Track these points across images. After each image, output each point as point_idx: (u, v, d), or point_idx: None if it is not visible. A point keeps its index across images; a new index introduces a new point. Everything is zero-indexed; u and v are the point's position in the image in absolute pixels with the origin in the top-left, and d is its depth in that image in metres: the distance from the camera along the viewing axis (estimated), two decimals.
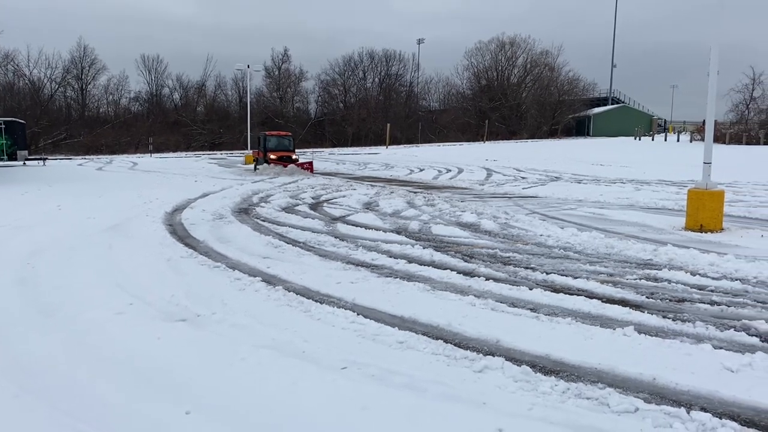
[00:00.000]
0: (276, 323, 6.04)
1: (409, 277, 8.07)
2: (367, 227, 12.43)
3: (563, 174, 27.58)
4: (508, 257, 9.43)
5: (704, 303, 6.80)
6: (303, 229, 12.23)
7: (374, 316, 6.33)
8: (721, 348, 5.31)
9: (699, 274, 8.14)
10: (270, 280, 7.91)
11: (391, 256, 9.43)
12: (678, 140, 60.26)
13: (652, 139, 63.75)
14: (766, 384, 4.45)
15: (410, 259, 9.20)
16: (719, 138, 54.18)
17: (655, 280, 7.94)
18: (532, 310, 6.57)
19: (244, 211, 15.12)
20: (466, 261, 9.13)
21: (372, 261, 9.12)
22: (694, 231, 11.81)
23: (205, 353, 5.22)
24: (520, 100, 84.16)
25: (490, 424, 3.88)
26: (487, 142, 69.21)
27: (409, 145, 65.54)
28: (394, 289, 7.40)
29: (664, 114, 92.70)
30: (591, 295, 7.13)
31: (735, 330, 5.74)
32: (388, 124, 65.50)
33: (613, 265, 8.83)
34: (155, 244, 10.55)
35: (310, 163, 28.67)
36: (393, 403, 4.20)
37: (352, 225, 12.79)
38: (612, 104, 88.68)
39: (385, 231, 11.92)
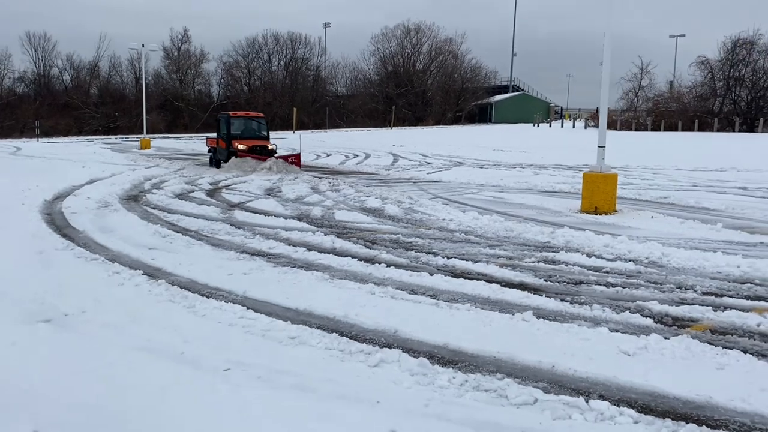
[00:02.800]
0: (155, 322, 5.46)
1: (308, 266, 7.66)
2: (266, 214, 11.87)
3: (466, 159, 27.96)
4: (411, 242, 9.22)
5: (600, 285, 6.84)
6: (196, 216, 11.50)
7: (266, 309, 5.89)
8: (617, 331, 5.28)
9: (595, 256, 8.25)
10: (153, 274, 7.26)
11: (290, 244, 8.98)
12: (573, 126, 63.10)
13: (550, 126, 66.39)
14: (661, 367, 4.42)
15: (310, 247, 8.79)
16: (611, 125, 57.16)
17: (553, 262, 7.96)
18: (432, 296, 6.35)
19: (134, 199, 14.10)
20: (368, 247, 8.82)
21: (269, 250, 8.62)
22: (589, 213, 12.12)
23: (66, 359, 4.59)
24: (425, 86, 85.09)
25: (383, 425, 3.57)
26: (394, 128, 69.49)
27: (316, 130, 64.66)
28: (291, 279, 6.97)
29: (561, 102, 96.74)
30: (491, 280, 7.02)
31: (630, 312, 5.76)
32: (295, 109, 64.27)
33: (512, 249, 8.82)
34: (27, 235, 9.53)
35: (298, 156, 21.56)
36: (277, 407, 3.80)
37: (251, 212, 12.19)
38: (512, 92, 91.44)
39: (285, 218, 11.42)
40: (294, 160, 21.18)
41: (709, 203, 13.41)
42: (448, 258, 8.12)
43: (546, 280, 7.05)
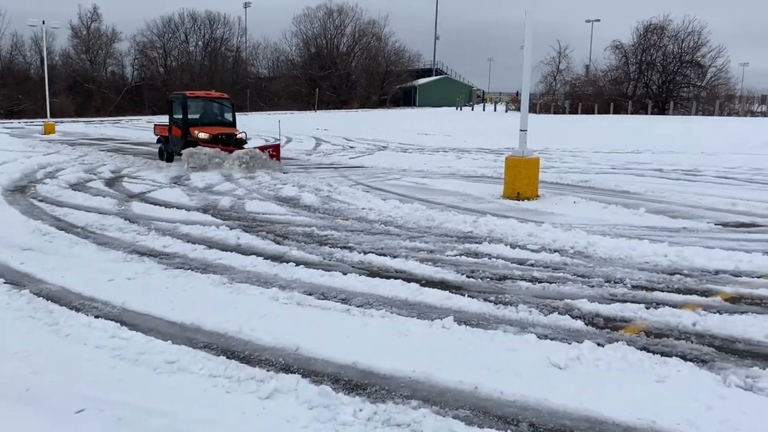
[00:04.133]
0: (3, 346, 4.48)
1: (205, 268, 6.78)
2: (168, 205, 10.80)
3: (390, 143, 27.38)
4: (326, 236, 8.47)
5: (526, 280, 6.33)
6: (88, 210, 10.29)
7: (145, 325, 5.00)
8: (546, 337, 4.75)
9: (519, 247, 7.77)
10: (18, 282, 6.18)
11: (188, 241, 8.03)
12: (495, 110, 63.76)
13: (472, 109, 66.88)
14: (597, 383, 3.89)
15: (211, 244, 7.88)
16: (530, 108, 58.17)
17: (476, 255, 7.42)
18: (343, 301, 5.64)
19: (20, 190, 12.62)
20: (277, 243, 8.01)
21: (163, 248, 7.66)
22: (512, 199, 11.73)
23: None
24: (350, 69, 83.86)
25: None
26: (318, 111, 68.11)
27: (237, 113, 62.44)
28: (182, 285, 6.08)
29: (483, 85, 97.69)
30: (409, 278, 6.38)
31: (559, 313, 5.26)
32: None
33: (433, 240, 8.23)
34: None
35: (277, 148, 17.30)
36: None
37: (152, 203, 11.07)
38: (436, 75, 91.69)
39: (189, 210, 10.40)
40: (272, 152, 16.86)
41: (629, 186, 13.34)
42: (365, 253, 7.43)
43: (468, 276, 6.49)
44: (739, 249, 7.65)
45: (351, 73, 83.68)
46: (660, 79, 52.24)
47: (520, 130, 12.41)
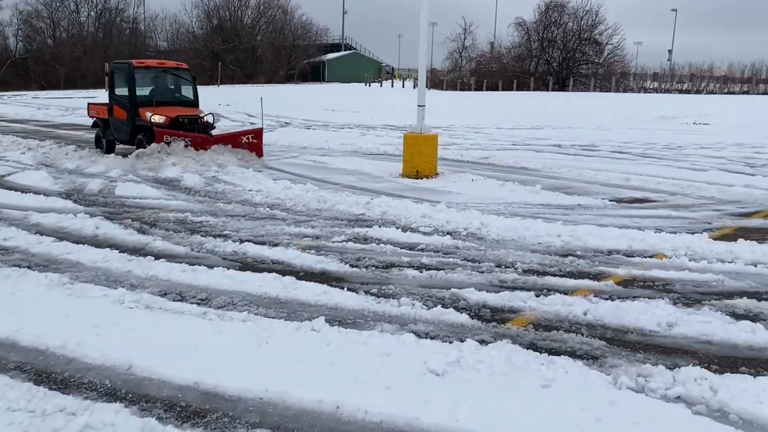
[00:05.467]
0: None
1: (47, 265, 5.81)
2: (26, 190, 9.52)
3: (294, 119, 26.36)
4: (200, 223, 7.62)
5: (413, 268, 5.82)
6: None
7: None
8: (427, 336, 4.23)
9: (410, 230, 7.27)
10: None
11: (37, 232, 6.97)
12: (403, 86, 63.56)
13: (381, 85, 66.42)
14: (477, 393, 3.39)
15: (63, 236, 6.86)
16: (438, 84, 58.42)
17: (365, 240, 6.85)
18: (202, 302, 4.90)
19: None
20: (142, 232, 7.09)
21: (2, 242, 6.57)
22: (410, 177, 11.26)
23: None
24: (255, 42, 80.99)
25: None
26: (221, 85, 65.36)
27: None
28: (10, 288, 5.11)
29: (393, 62, 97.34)
30: (286, 270, 5.71)
31: (443, 305, 4.76)
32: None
33: (321, 224, 7.58)
34: None
35: (258, 133, 13.23)
36: None
37: (6, 188, 9.73)
38: (345, 51, 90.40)
39: (48, 195, 9.20)
40: (252, 138, 13.01)
41: (527, 162, 13.21)
42: (240, 242, 6.68)
43: (352, 266, 5.89)
44: (633, 226, 7.51)
45: (256, 46, 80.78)
46: (560, 56, 53.68)
47: (418, 106, 11.92)
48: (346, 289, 5.17)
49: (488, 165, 13.26)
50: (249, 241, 6.73)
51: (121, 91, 13.42)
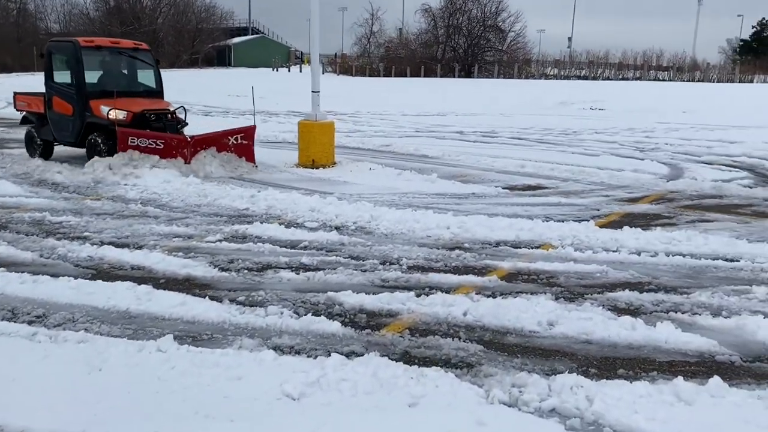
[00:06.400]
0: None
1: None
2: None
3: (194, 106, 25.02)
4: (59, 224, 6.81)
5: (291, 269, 5.36)
6: None
7: None
8: (291, 350, 3.80)
9: (295, 226, 6.80)
10: None
11: None
12: (319, 72, 62.39)
13: (289, 71, 65.00)
14: (335, 419, 2.99)
15: None
16: (347, 70, 57.82)
17: (243, 238, 6.31)
18: (36, 320, 4.23)
19: None
20: None
21: None
22: (306, 167, 10.76)
23: None
24: (156, 26, 77.12)
25: None
26: None
27: (23, 74, 54.39)
28: None
29: (302, 46, 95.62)
30: (145, 277, 5.11)
31: (315, 313, 4.34)
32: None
33: (197, 222, 6.97)
34: None
35: (250, 132, 10.65)
36: None
37: None
38: (252, 35, 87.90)
39: None
40: (242, 139, 10.44)
41: (428, 150, 13.00)
42: (100, 245, 5.97)
43: (223, 269, 5.36)
44: (523, 215, 7.38)
45: (158, 30, 76.92)
46: (466, 43, 54.34)
47: (312, 92, 11.42)
48: (208, 297, 4.64)
49: (389, 153, 12.97)
50: (110, 243, 6.04)
51: (63, 77, 10.63)
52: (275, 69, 65.02)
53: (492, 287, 4.95)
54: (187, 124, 11.08)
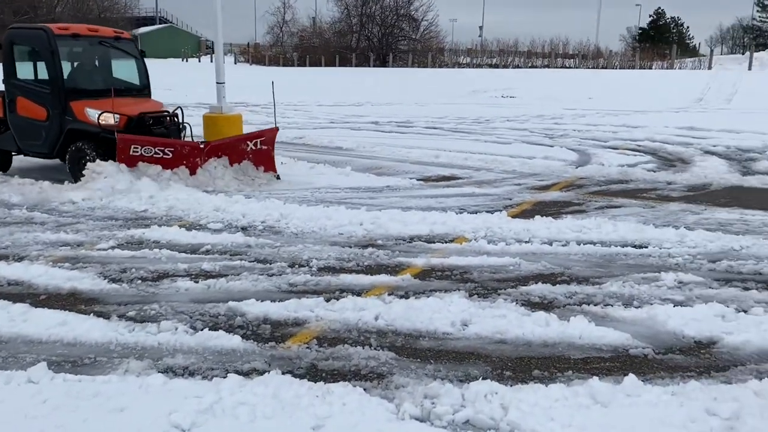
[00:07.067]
0: None
1: None
2: None
3: None
4: None
5: (190, 277, 4.96)
6: None
7: None
8: (184, 372, 3.44)
9: (198, 227, 6.36)
10: None
11: None
12: (224, 62, 60.54)
13: (199, 61, 62.80)
14: None
15: None
16: (260, 60, 56.47)
17: (139, 244, 5.82)
18: None
19: None
20: None
21: None
22: None
23: None
24: (54, 15, 72.35)
25: None
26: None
27: None
28: None
29: (213, 36, 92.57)
30: (24, 293, 4.58)
31: (214, 327, 3.98)
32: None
33: (89, 227, 6.39)
34: None
35: (271, 135, 9.14)
36: None
37: None
38: (160, 24, 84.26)
39: None
40: (262, 143, 9.03)
41: (342, 141, 12.73)
42: None
43: (114, 281, 4.88)
44: (437, 207, 7.26)
45: (56, 20, 72.26)
46: (380, 32, 54.14)
47: (217, 83, 10.88)
48: (94, 314, 4.19)
49: (302, 145, 12.62)
50: None
51: (27, 72, 8.92)
52: (185, 60, 62.63)
53: (405, 287, 4.74)
54: (185, 127, 9.58)
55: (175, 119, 9.16)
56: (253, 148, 8.90)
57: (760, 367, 3.46)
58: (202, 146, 8.46)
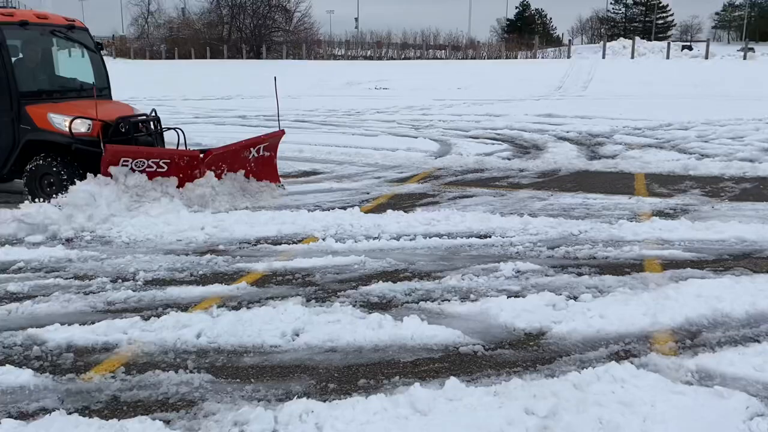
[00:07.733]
0: None
1: None
2: None
3: None
4: None
5: None
6: None
7: None
8: None
9: (12, 242, 5.64)
10: None
11: None
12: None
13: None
14: None
15: None
16: (124, 53, 53.20)
17: None
18: None
19: None
20: None
21: None
22: None
23: None
24: None
25: None
26: None
27: None
28: None
29: None
30: None
31: (4, 360, 3.44)
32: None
33: None
34: None
35: (275, 140, 8.11)
36: None
37: None
38: None
39: None
40: (266, 150, 7.92)
41: (202, 138, 12.06)
42: None
43: None
44: (291, 205, 6.97)
45: None
46: (252, 23, 52.78)
47: None
48: None
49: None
50: None
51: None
52: None
53: (239, 296, 4.40)
54: (162, 130, 7.93)
55: (156, 124, 7.74)
56: (256, 155, 7.69)
57: (584, 356, 3.47)
58: (201, 156, 7.04)
